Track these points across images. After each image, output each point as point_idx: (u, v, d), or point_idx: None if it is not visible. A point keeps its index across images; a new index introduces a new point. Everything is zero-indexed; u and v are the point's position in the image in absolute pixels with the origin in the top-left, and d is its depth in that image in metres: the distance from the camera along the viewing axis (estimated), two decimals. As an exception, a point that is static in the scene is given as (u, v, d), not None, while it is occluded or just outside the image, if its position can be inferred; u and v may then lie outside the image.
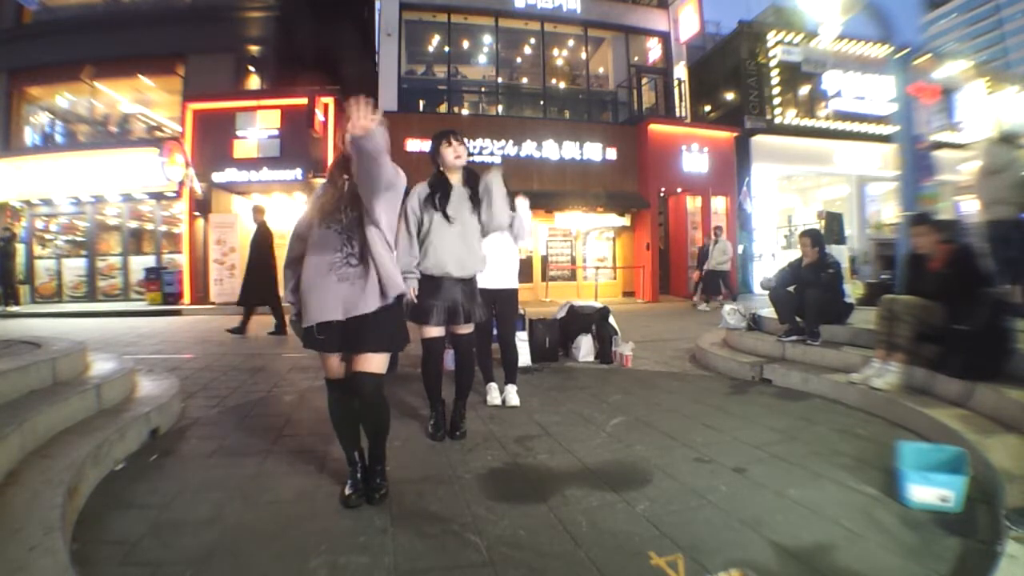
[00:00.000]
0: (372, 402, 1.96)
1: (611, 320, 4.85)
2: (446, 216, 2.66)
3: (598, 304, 5.17)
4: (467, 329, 2.80)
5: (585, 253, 13.79)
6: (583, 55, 14.39)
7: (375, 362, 1.92)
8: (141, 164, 11.64)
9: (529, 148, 12.54)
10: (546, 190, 12.40)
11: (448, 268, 2.66)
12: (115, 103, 13.48)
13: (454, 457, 2.44)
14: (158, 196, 12.17)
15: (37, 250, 13.06)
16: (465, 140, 2.78)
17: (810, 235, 4.26)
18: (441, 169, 2.75)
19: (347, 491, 1.97)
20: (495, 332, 3.56)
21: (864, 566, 1.54)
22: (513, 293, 3.47)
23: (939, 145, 13.79)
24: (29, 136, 13.21)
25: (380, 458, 2.04)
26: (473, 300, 2.78)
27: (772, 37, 14.84)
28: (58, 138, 13.25)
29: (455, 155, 2.71)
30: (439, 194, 2.69)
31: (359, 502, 1.94)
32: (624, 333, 4.99)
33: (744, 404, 3.34)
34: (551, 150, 12.67)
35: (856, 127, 15.21)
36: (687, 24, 14.20)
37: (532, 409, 3.22)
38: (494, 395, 3.38)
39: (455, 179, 2.75)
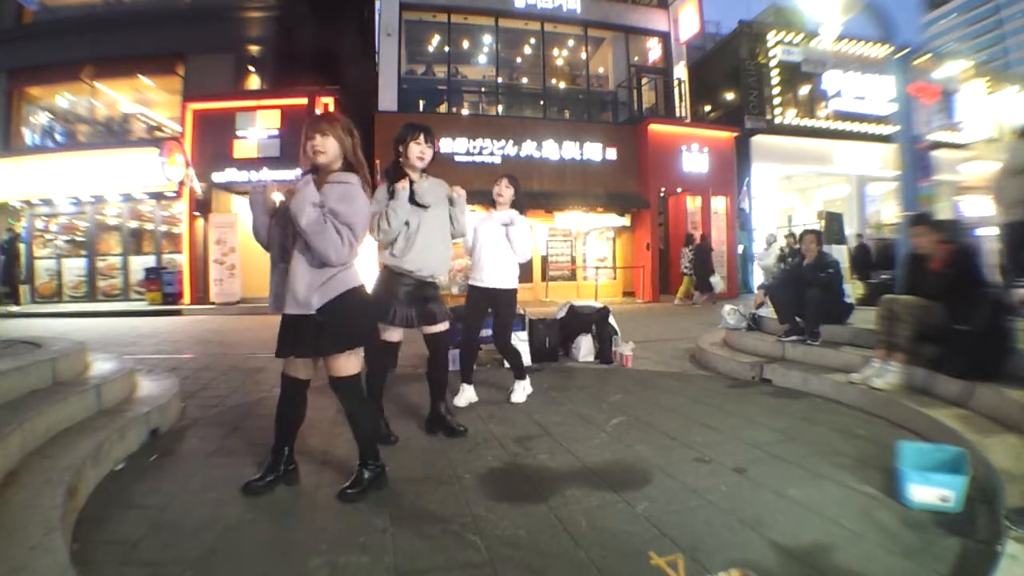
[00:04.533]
0: (345, 408, 2.01)
1: (611, 320, 4.85)
2: (421, 208, 2.59)
3: (598, 304, 5.17)
4: (440, 327, 2.73)
5: (585, 253, 13.79)
6: (583, 55, 14.39)
7: (338, 365, 1.96)
8: (141, 164, 11.63)
9: (529, 148, 12.54)
10: (546, 190, 12.41)
11: (422, 269, 2.63)
12: (115, 103, 13.47)
13: (454, 457, 2.44)
14: (158, 196, 12.16)
15: (37, 250, 13.06)
16: (435, 144, 2.70)
17: (814, 233, 4.32)
18: (401, 162, 2.65)
19: (255, 477, 2.02)
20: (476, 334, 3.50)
21: (864, 566, 1.54)
22: (512, 293, 3.38)
23: (939, 145, 13.84)
24: (29, 136, 13.21)
25: (364, 457, 2.04)
26: (438, 300, 2.76)
27: (772, 37, 14.86)
28: (58, 138, 13.24)
29: (419, 154, 2.61)
30: (408, 191, 2.58)
31: (262, 491, 1.98)
32: (624, 333, 4.99)
33: (744, 404, 3.34)
34: (551, 150, 12.67)
35: (856, 127, 15.23)
36: (687, 24, 14.20)
37: (532, 409, 3.22)
38: (468, 395, 3.35)
39: (415, 176, 2.65)
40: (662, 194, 13.40)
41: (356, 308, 1.97)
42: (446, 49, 13.75)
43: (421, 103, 13.55)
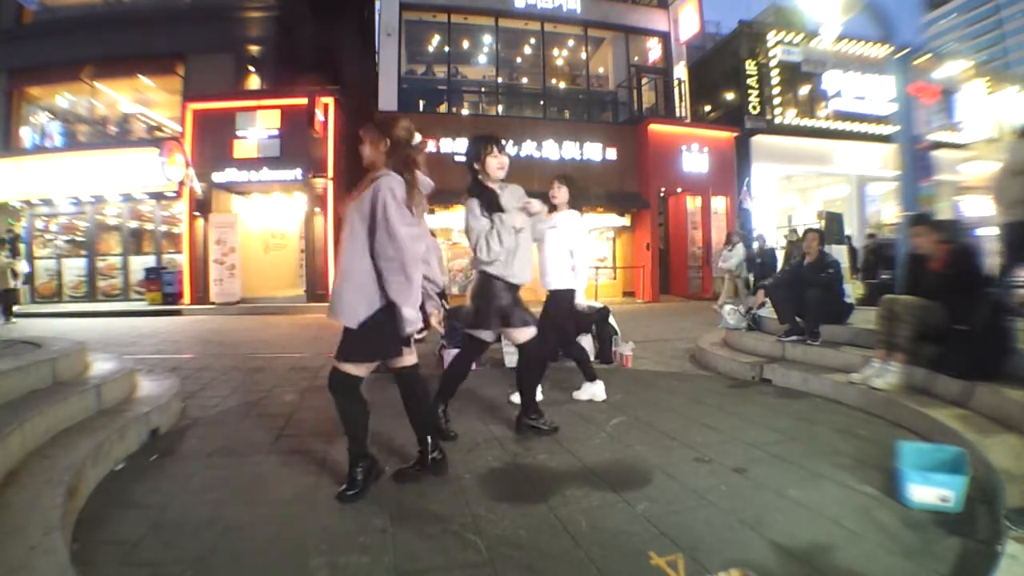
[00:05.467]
0: (337, 404, 2.02)
1: (611, 320, 4.85)
2: (513, 225, 2.64)
3: (598, 304, 5.17)
4: (529, 335, 2.72)
5: (585, 253, 13.77)
6: (583, 55, 14.39)
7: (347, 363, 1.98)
8: (141, 164, 11.64)
9: (529, 148, 12.53)
10: (546, 190, 12.37)
11: (524, 277, 2.74)
12: (115, 103, 13.48)
13: (454, 457, 2.43)
14: (158, 196, 12.18)
15: (37, 250, 13.06)
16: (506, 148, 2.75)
17: (817, 232, 4.35)
18: (481, 178, 2.68)
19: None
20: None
21: (864, 566, 1.54)
22: (550, 295, 3.45)
23: (939, 145, 13.84)
24: (29, 136, 13.20)
25: (353, 459, 2.03)
26: (519, 303, 2.80)
27: (772, 37, 14.85)
28: (58, 138, 13.23)
29: (499, 166, 2.67)
30: (497, 205, 2.64)
31: (355, 498, 1.97)
32: (624, 333, 4.99)
33: (744, 404, 3.34)
34: (551, 150, 12.67)
35: (856, 127, 15.22)
36: (687, 24, 14.20)
37: (532, 409, 3.21)
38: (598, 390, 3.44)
39: (496, 189, 2.70)
40: (662, 194, 13.40)
41: (385, 322, 1.94)
42: (446, 49, 13.74)
43: (421, 103, 13.55)
